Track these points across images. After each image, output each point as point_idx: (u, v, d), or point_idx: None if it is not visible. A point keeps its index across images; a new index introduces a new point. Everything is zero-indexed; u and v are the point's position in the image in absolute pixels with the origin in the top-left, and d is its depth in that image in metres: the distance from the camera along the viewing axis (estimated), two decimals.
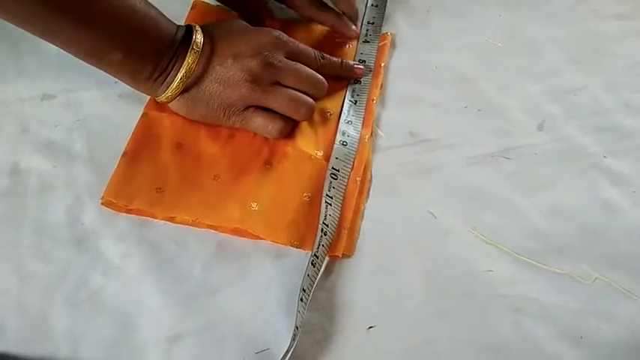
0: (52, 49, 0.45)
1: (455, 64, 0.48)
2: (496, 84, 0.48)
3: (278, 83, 0.41)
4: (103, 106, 0.44)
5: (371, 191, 0.41)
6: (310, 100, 0.42)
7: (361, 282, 0.38)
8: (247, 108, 0.41)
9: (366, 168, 0.42)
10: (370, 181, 0.42)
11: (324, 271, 0.38)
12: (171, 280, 0.37)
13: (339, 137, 0.43)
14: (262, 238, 0.38)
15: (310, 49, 0.43)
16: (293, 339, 0.34)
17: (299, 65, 0.42)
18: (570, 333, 0.36)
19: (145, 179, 0.40)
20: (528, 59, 0.49)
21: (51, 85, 0.44)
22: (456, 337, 0.36)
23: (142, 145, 0.41)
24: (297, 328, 0.34)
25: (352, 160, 0.42)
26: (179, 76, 0.39)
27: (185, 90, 0.40)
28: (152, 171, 0.40)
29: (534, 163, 0.43)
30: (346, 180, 0.41)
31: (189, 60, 0.39)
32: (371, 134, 0.43)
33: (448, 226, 0.40)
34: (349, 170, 0.41)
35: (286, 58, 0.41)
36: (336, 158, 0.42)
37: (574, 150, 0.44)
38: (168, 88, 0.39)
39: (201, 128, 0.42)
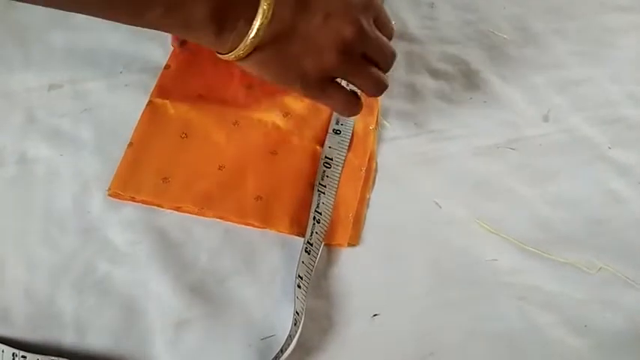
0: (59, 39, 0.46)
1: (460, 55, 0.49)
2: (501, 75, 0.48)
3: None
4: (110, 96, 0.44)
5: (376, 181, 0.42)
6: (386, 79, 0.38)
7: (366, 270, 0.38)
8: (326, 78, 0.36)
9: (371, 158, 0.42)
10: (375, 170, 0.42)
11: (330, 259, 0.38)
12: (178, 267, 0.37)
13: (332, 125, 0.43)
14: (267, 228, 0.39)
15: (389, 17, 0.39)
16: (294, 324, 0.34)
17: (385, 40, 0.37)
18: (574, 322, 0.36)
19: (151, 169, 0.40)
20: (533, 51, 0.49)
21: (58, 75, 0.45)
22: (460, 325, 0.36)
23: (148, 134, 0.41)
24: (297, 313, 0.35)
25: (346, 148, 0.42)
26: (254, 27, 0.32)
27: (260, 47, 0.33)
28: (158, 161, 0.40)
29: (539, 154, 0.43)
30: (340, 168, 0.41)
31: (264, 6, 0.31)
32: (376, 124, 0.43)
33: (453, 216, 0.40)
34: (343, 159, 0.41)
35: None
36: (330, 147, 0.42)
37: (579, 141, 0.44)
38: (240, 43, 0.33)
39: (206, 116, 0.42)
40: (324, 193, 0.39)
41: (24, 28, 0.47)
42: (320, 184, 0.40)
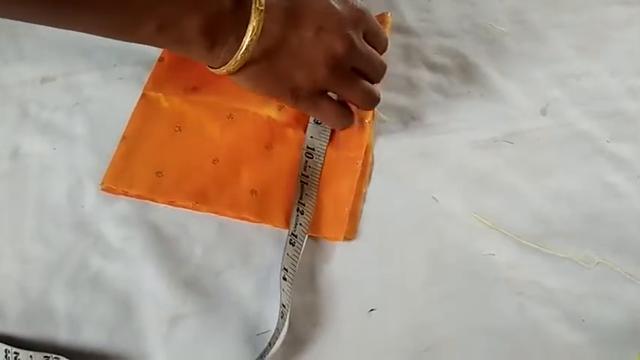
0: (52, 31, 0.45)
1: (458, 48, 0.48)
2: (499, 69, 0.47)
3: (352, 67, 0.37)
4: (104, 89, 0.43)
5: (373, 175, 0.41)
6: (379, 92, 0.39)
7: (363, 265, 0.38)
8: (316, 91, 0.37)
9: (368, 151, 0.42)
10: (372, 164, 0.41)
11: (326, 253, 0.38)
12: (173, 262, 0.37)
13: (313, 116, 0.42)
14: (262, 223, 0.38)
15: (382, 29, 0.40)
16: (281, 317, 0.34)
17: (375, 52, 0.38)
18: (572, 316, 0.36)
19: (144, 163, 0.39)
20: (532, 44, 0.49)
21: (51, 67, 0.44)
22: (457, 320, 0.36)
23: (141, 128, 0.41)
24: (283, 306, 0.34)
25: (327, 138, 0.41)
26: (244, 43, 0.32)
27: (251, 62, 0.34)
28: (152, 154, 0.40)
29: (537, 148, 0.43)
30: (322, 158, 0.40)
31: (254, 23, 0.32)
32: (372, 118, 0.43)
33: (450, 210, 0.40)
34: (324, 149, 0.41)
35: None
36: (311, 137, 0.41)
37: (577, 135, 0.44)
38: (231, 58, 0.33)
39: (200, 109, 0.42)
40: (306, 184, 0.39)
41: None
42: (302, 174, 0.39)
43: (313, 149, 0.41)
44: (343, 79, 0.37)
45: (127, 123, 0.41)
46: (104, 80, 0.44)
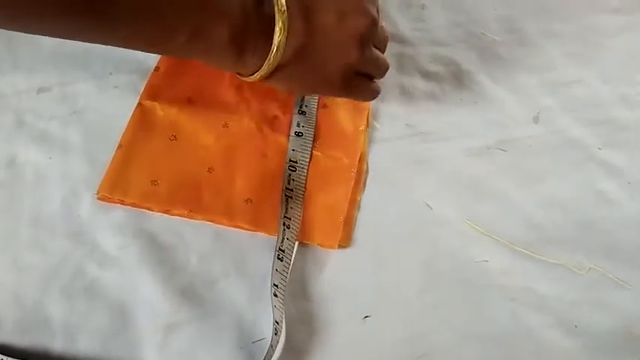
0: (47, 41, 0.46)
1: (451, 57, 0.49)
2: (492, 77, 0.48)
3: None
4: (99, 99, 0.43)
5: (367, 183, 0.41)
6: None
7: (357, 272, 0.38)
8: (349, 75, 0.36)
9: (362, 159, 0.42)
10: (366, 172, 0.42)
11: (320, 261, 0.38)
12: (168, 270, 0.37)
13: (293, 128, 0.42)
14: (257, 231, 0.39)
15: None
16: (275, 334, 0.34)
17: (383, 26, 0.38)
18: (565, 322, 0.37)
19: (139, 172, 0.40)
20: (524, 52, 0.49)
21: (47, 77, 0.44)
22: (451, 327, 0.36)
23: (137, 137, 0.41)
24: (277, 322, 0.34)
25: (309, 150, 0.41)
26: (274, 45, 0.32)
27: (284, 63, 0.34)
28: (147, 163, 0.40)
29: (529, 155, 0.43)
30: (305, 171, 0.40)
31: (279, 24, 0.32)
32: (366, 126, 0.43)
33: (444, 218, 0.40)
34: (307, 161, 0.41)
35: None
36: (293, 150, 0.41)
37: (569, 142, 0.44)
38: (263, 63, 0.33)
39: (196, 118, 0.42)
40: (291, 198, 0.39)
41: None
42: (287, 188, 0.40)
43: (296, 162, 0.41)
44: (371, 56, 0.37)
45: (123, 132, 0.41)
46: (100, 90, 0.44)
